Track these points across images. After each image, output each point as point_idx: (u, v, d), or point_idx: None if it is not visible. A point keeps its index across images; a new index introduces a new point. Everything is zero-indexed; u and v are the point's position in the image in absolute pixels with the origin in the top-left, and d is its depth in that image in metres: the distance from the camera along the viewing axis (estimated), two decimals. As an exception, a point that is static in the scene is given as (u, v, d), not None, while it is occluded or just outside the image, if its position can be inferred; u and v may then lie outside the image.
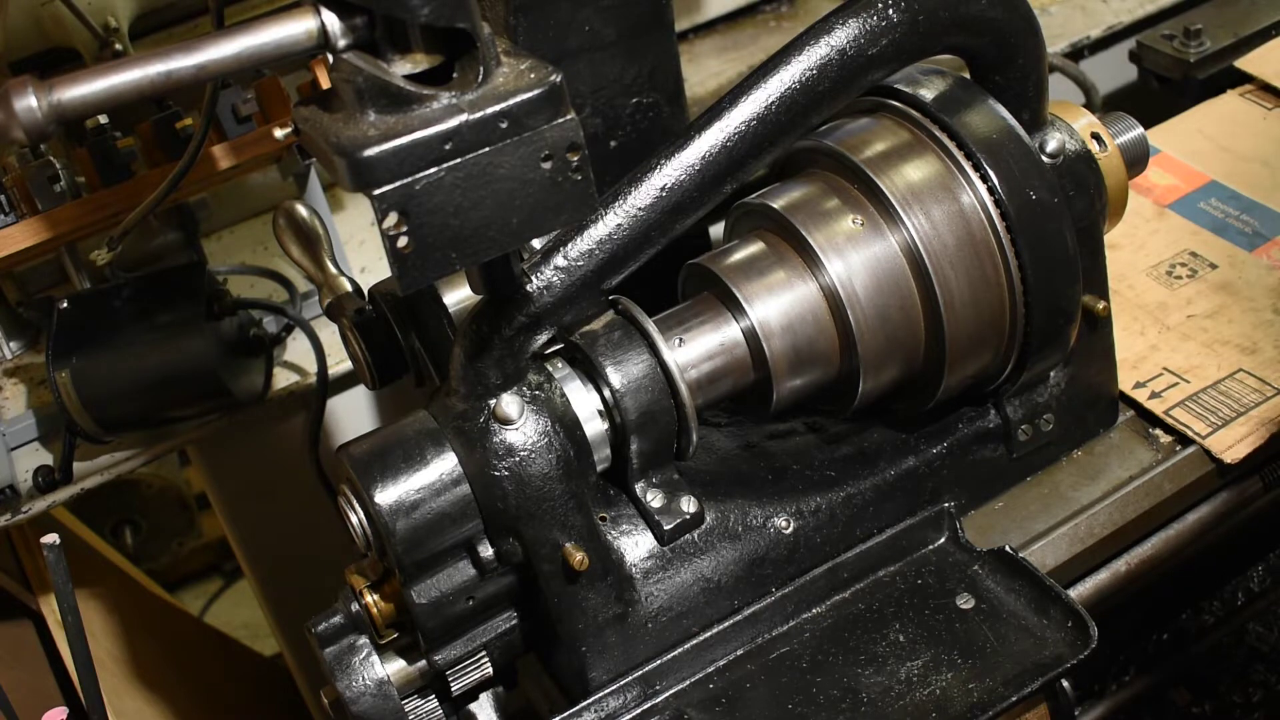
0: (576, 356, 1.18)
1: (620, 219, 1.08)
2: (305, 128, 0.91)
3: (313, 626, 1.19)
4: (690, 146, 1.10)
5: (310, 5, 0.86)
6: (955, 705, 1.14)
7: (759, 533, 1.23)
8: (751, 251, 1.25)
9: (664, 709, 1.20)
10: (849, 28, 1.11)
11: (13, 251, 1.56)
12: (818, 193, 1.26)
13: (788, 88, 1.11)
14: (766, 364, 1.21)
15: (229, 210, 1.98)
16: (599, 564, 1.15)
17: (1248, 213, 1.68)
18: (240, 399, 1.62)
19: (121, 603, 1.99)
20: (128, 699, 1.75)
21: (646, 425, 1.16)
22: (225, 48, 0.83)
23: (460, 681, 1.19)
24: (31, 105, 0.78)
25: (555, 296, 1.08)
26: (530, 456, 1.11)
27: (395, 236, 0.87)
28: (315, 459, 1.62)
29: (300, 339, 1.73)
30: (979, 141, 1.20)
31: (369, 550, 1.14)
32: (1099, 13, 2.17)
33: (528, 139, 0.88)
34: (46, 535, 1.24)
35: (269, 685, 2.43)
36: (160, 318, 1.57)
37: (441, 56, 0.89)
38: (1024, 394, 1.34)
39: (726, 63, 2.19)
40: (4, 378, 1.79)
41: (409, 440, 1.13)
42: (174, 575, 3.16)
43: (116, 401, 1.55)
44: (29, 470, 1.64)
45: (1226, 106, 1.87)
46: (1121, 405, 1.43)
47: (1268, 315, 1.52)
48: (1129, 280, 1.61)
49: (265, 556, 1.97)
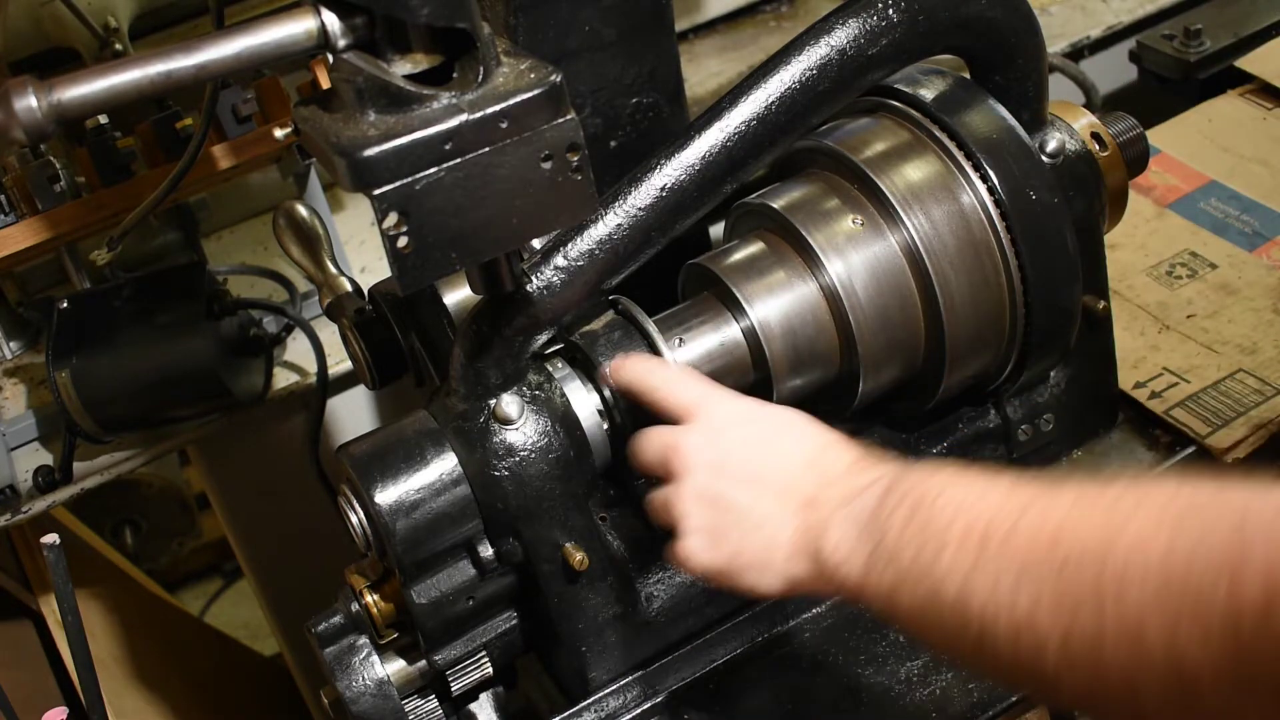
0: (576, 356, 1.18)
1: (620, 219, 1.08)
2: (305, 128, 0.91)
3: (313, 626, 1.19)
4: (690, 146, 1.10)
5: (310, 5, 0.85)
6: (955, 705, 1.14)
7: (759, 533, 1.23)
8: (751, 251, 1.25)
9: (664, 709, 1.20)
10: (849, 28, 1.11)
11: (13, 251, 1.56)
12: (818, 193, 1.26)
13: (788, 88, 1.11)
14: (766, 364, 1.21)
15: (229, 210, 1.97)
16: (599, 564, 1.15)
17: (1248, 213, 1.68)
18: (240, 399, 1.62)
19: (121, 603, 1.99)
20: (128, 699, 1.75)
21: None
22: (225, 48, 0.83)
23: (460, 681, 1.19)
24: (31, 105, 0.78)
25: (555, 296, 1.08)
26: (530, 456, 1.11)
27: (395, 236, 0.87)
28: (315, 459, 1.62)
29: (300, 339, 1.73)
30: (979, 141, 1.20)
31: (369, 550, 1.14)
32: (1099, 13, 2.17)
33: (528, 139, 0.88)
34: (46, 535, 1.24)
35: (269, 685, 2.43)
36: (160, 318, 1.57)
37: (441, 56, 0.89)
38: (1024, 394, 1.34)
39: (726, 63, 2.18)
40: (4, 378, 1.79)
41: (409, 440, 1.13)
42: (174, 575, 3.16)
43: (116, 401, 1.55)
44: (29, 470, 1.64)
45: (1226, 106, 1.87)
46: (1122, 405, 1.43)
47: (1268, 315, 1.52)
48: (1129, 280, 1.61)
49: (265, 556, 1.97)
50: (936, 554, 0.83)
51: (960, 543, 0.82)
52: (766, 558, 0.98)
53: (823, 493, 0.96)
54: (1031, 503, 0.81)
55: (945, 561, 0.82)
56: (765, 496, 0.99)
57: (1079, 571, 0.74)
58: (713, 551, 1.00)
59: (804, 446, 1.01)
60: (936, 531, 0.84)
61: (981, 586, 0.79)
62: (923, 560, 0.84)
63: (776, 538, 0.97)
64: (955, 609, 0.81)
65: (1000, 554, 0.79)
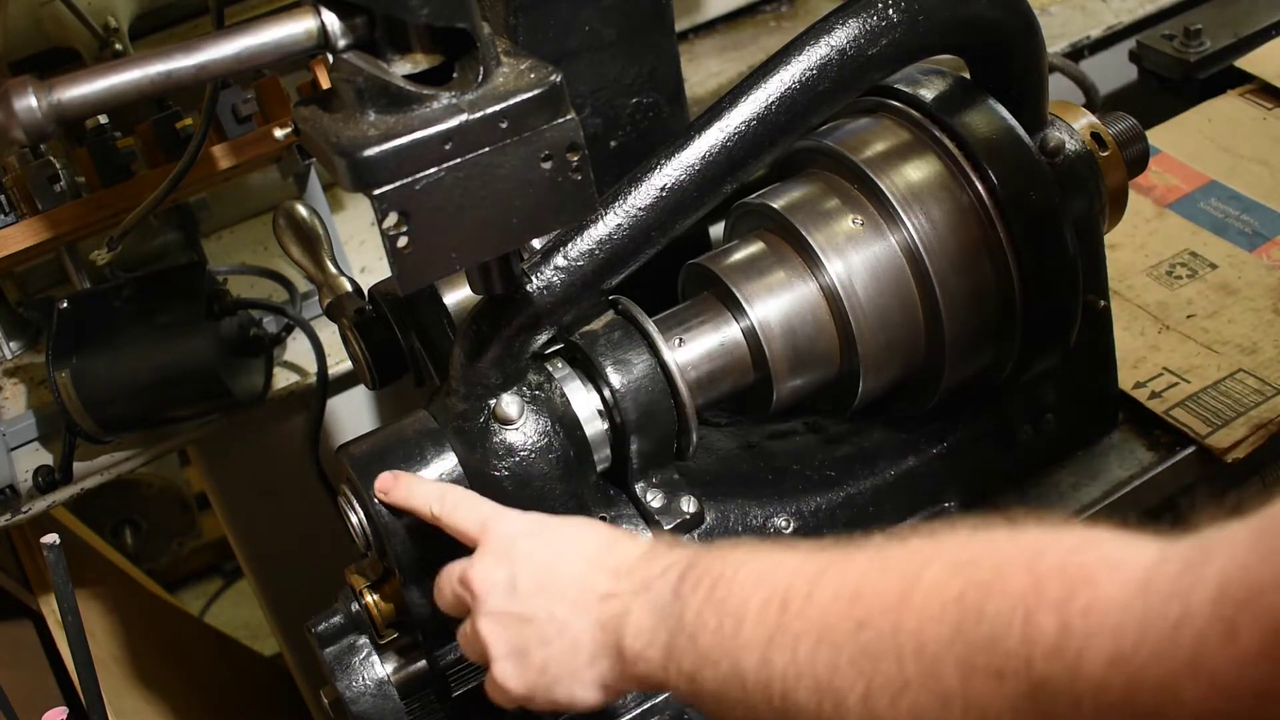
0: (576, 356, 1.18)
1: (620, 219, 1.08)
2: (305, 128, 0.91)
3: (313, 626, 1.20)
4: (690, 146, 1.09)
5: (310, 5, 0.86)
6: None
7: (759, 533, 1.23)
8: (751, 251, 1.25)
9: (664, 709, 1.20)
10: (849, 28, 1.11)
11: (13, 251, 1.56)
12: (818, 193, 1.26)
13: (788, 88, 1.11)
14: (766, 364, 1.21)
15: (229, 210, 1.97)
16: (599, 564, 1.15)
17: (1248, 213, 1.68)
18: (240, 399, 1.61)
19: (121, 603, 1.99)
20: (128, 699, 1.75)
21: (646, 425, 1.16)
22: (225, 48, 0.83)
23: (460, 682, 1.19)
24: (31, 105, 0.78)
25: (555, 296, 1.08)
26: (530, 456, 1.11)
27: (395, 236, 0.87)
28: (315, 459, 1.62)
29: (300, 339, 1.73)
30: (979, 141, 1.20)
31: (369, 550, 1.14)
32: (1099, 13, 2.17)
33: (528, 139, 0.88)
34: (46, 535, 1.24)
35: (269, 685, 2.43)
36: (160, 318, 1.57)
37: (441, 56, 0.89)
38: (1024, 394, 1.34)
39: (726, 63, 2.18)
40: (4, 378, 1.79)
41: (409, 440, 1.13)
42: (174, 575, 3.16)
43: (116, 401, 1.55)
44: (29, 470, 1.64)
45: (1226, 106, 1.87)
46: (1122, 405, 1.43)
47: (1268, 315, 1.52)
48: (1129, 280, 1.61)
49: (265, 556, 1.97)
50: (736, 629, 0.81)
51: (759, 615, 0.80)
52: (572, 664, 0.94)
53: (617, 585, 0.93)
54: (829, 566, 0.80)
55: (745, 635, 0.81)
56: (561, 604, 0.94)
57: (878, 626, 0.73)
58: (522, 673, 0.96)
59: (592, 546, 0.97)
60: (735, 607, 0.82)
61: (782, 654, 0.78)
62: (723, 637, 0.82)
63: (578, 641, 0.93)
64: (758, 681, 0.79)
65: (799, 619, 0.78)
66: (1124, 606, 0.62)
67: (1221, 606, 0.58)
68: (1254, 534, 0.60)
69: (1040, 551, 0.68)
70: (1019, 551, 0.69)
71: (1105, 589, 0.64)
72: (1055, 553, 0.68)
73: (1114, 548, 0.66)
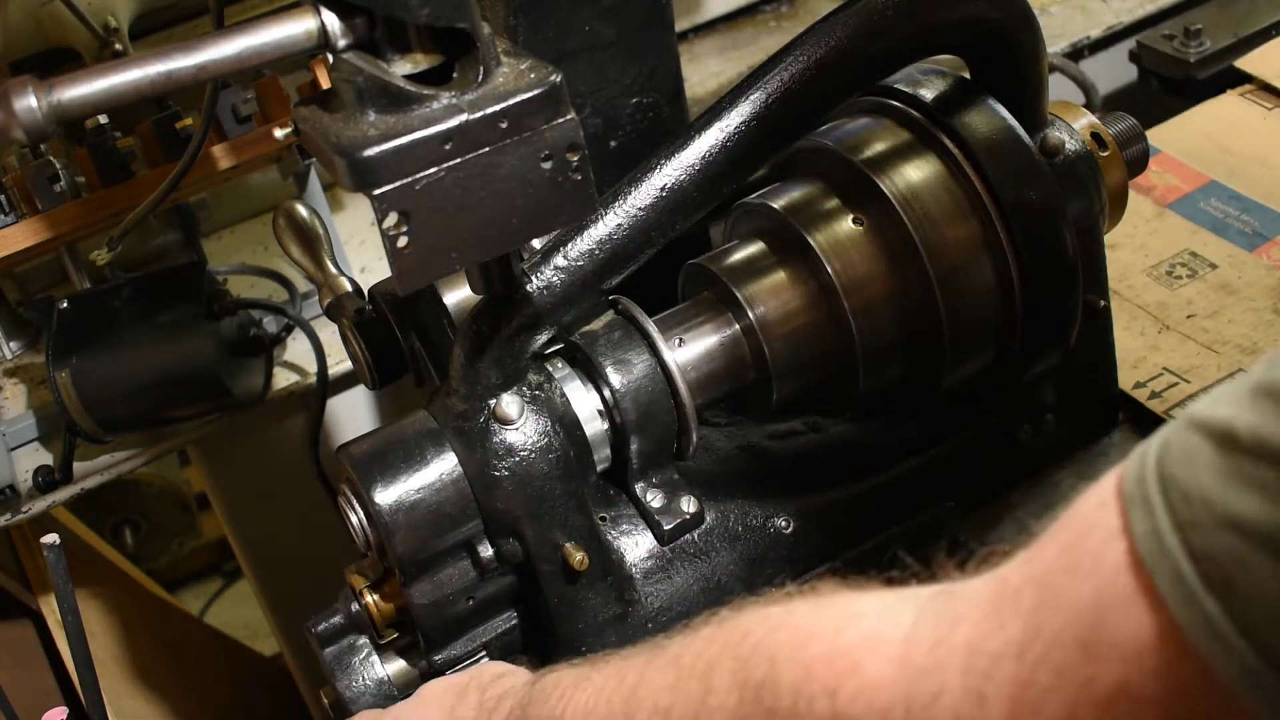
0: (576, 356, 1.18)
1: (620, 219, 1.08)
2: (305, 128, 0.91)
3: (313, 626, 1.19)
4: (690, 146, 1.09)
5: (310, 5, 0.85)
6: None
7: (759, 533, 1.23)
8: (751, 251, 1.25)
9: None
10: (849, 28, 1.11)
11: (13, 251, 1.56)
12: (818, 193, 1.26)
13: (788, 88, 1.11)
14: (766, 364, 1.21)
15: (229, 210, 1.98)
16: (599, 564, 1.15)
17: (1248, 213, 1.68)
18: (240, 399, 1.62)
19: (121, 603, 1.99)
20: (128, 699, 1.75)
21: (646, 425, 1.16)
22: (225, 48, 0.83)
23: (460, 681, 1.19)
24: (31, 105, 0.78)
25: (555, 296, 1.08)
26: (530, 456, 1.11)
27: (395, 236, 0.87)
28: (315, 459, 1.62)
29: (300, 339, 1.73)
30: (979, 141, 1.20)
31: (369, 550, 1.14)
32: (1099, 13, 2.17)
33: (528, 139, 0.88)
34: (46, 535, 1.24)
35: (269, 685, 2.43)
36: (160, 318, 1.57)
37: (441, 56, 0.89)
38: (1024, 394, 1.33)
39: (726, 63, 2.18)
40: (4, 378, 1.79)
41: (409, 440, 1.13)
42: (174, 575, 3.16)
43: (116, 401, 1.55)
44: (29, 470, 1.64)
45: (1226, 106, 1.87)
46: (1122, 405, 1.43)
47: (1268, 315, 1.52)
48: (1129, 280, 1.61)
49: (265, 556, 1.97)
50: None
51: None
52: None
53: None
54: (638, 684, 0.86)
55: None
56: None
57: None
58: None
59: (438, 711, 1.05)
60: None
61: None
62: None
63: None
64: None
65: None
66: (889, 685, 0.66)
67: (970, 678, 0.62)
68: (989, 600, 0.64)
69: (806, 639, 0.73)
70: (790, 638, 0.74)
71: (868, 670, 0.68)
72: (821, 638, 0.72)
73: (873, 621, 0.70)
